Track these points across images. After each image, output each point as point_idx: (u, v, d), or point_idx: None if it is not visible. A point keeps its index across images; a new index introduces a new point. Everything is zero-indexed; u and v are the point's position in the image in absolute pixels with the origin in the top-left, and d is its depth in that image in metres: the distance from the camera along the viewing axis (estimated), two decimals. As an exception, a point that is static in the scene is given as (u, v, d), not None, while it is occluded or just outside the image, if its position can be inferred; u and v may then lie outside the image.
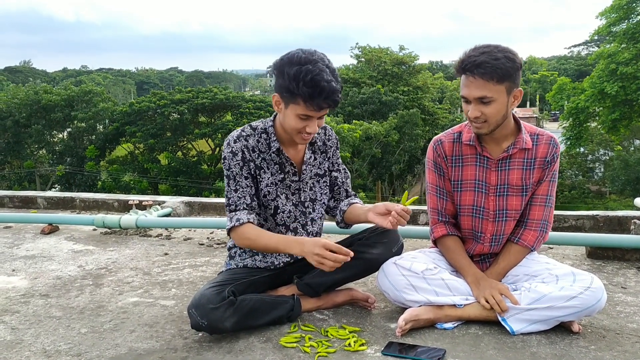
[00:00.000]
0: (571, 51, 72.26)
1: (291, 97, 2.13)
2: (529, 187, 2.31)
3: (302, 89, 2.07)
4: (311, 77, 2.06)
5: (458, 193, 2.38)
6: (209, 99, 29.16)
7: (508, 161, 2.29)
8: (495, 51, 2.11)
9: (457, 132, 2.39)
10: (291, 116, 2.17)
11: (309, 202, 2.44)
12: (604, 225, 3.73)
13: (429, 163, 2.44)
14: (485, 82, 2.09)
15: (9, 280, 3.01)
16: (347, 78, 33.13)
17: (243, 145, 2.28)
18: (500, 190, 2.32)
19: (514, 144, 2.27)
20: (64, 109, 30.61)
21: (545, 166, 2.30)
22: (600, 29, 24.69)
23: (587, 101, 24.11)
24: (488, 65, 2.07)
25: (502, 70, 2.08)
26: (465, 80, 2.14)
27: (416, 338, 2.15)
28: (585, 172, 32.55)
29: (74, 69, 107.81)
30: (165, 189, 27.68)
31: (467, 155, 2.34)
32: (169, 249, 3.59)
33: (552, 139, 2.32)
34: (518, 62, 2.13)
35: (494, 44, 2.15)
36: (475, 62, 2.09)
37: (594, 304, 2.10)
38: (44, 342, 2.21)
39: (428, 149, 2.45)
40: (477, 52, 2.12)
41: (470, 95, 2.14)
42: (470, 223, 2.40)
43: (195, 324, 2.11)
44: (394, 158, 28.34)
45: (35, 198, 5.21)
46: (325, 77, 2.07)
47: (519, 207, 2.33)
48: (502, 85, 2.11)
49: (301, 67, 2.07)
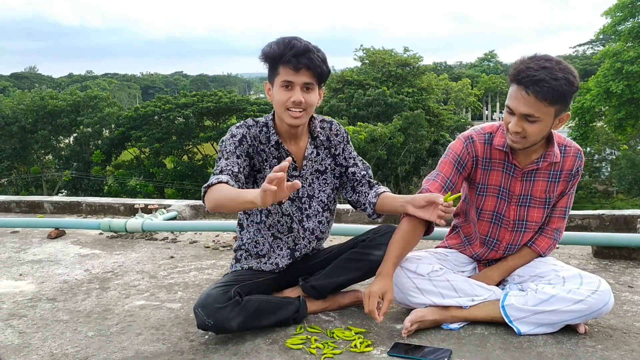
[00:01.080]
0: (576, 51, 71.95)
1: (273, 69, 2.20)
2: (552, 199, 2.27)
3: (273, 48, 2.17)
4: (287, 39, 2.17)
5: (482, 197, 2.31)
6: (214, 103, 29.25)
7: (534, 172, 2.24)
8: (556, 69, 1.96)
9: (487, 132, 2.27)
10: (276, 91, 2.21)
11: (306, 197, 2.39)
12: (610, 225, 3.71)
13: (452, 156, 2.28)
14: (537, 101, 1.96)
15: (17, 284, 3.03)
16: (352, 80, 33.13)
17: (245, 132, 2.28)
18: (523, 200, 2.27)
19: (544, 157, 2.20)
20: (69, 114, 30.76)
21: (570, 179, 2.26)
22: (606, 28, 24.63)
23: (593, 100, 24.04)
24: (546, 85, 1.94)
25: (558, 93, 1.95)
26: (517, 92, 2.00)
27: (422, 339, 2.15)
28: (592, 172, 32.41)
29: (79, 75, 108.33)
30: (172, 193, 27.74)
31: (496, 159, 2.25)
32: (175, 252, 3.60)
33: (579, 152, 2.25)
34: (576, 85, 2.01)
35: (555, 58, 2.00)
36: (533, 79, 1.94)
37: (601, 308, 2.09)
38: (52, 345, 2.22)
39: (455, 143, 2.30)
40: (536, 65, 1.97)
41: (517, 109, 2.02)
42: (487, 229, 2.35)
43: (202, 323, 2.12)
44: (400, 160, 28.30)
45: (42, 203, 5.23)
46: (301, 40, 2.17)
47: (539, 219, 2.30)
48: (553, 108, 1.99)
49: (279, 39, 2.19)
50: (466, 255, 2.48)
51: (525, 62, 2.01)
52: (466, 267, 2.45)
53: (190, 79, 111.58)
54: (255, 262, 2.42)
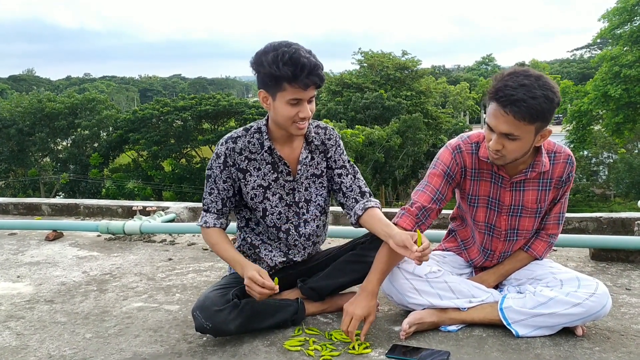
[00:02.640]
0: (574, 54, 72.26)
1: (276, 85, 2.11)
2: (543, 209, 2.27)
3: (283, 70, 2.06)
4: (289, 56, 2.06)
5: (474, 208, 2.30)
6: (212, 106, 29.28)
7: (523, 182, 2.21)
8: (534, 87, 1.92)
9: (474, 142, 2.22)
10: (281, 106, 2.14)
11: (303, 202, 2.38)
12: (608, 227, 3.72)
13: (441, 167, 2.24)
14: (516, 120, 1.93)
15: (14, 286, 3.03)
16: (350, 83, 33.18)
17: (229, 148, 2.27)
18: (513, 210, 2.26)
19: (532, 166, 2.17)
20: (67, 116, 30.78)
21: (561, 185, 2.23)
22: (603, 32, 24.68)
23: (591, 104, 24.06)
24: (524, 105, 1.90)
25: (536, 112, 1.91)
26: (495, 111, 1.97)
27: (420, 341, 2.15)
28: (590, 175, 32.49)
29: (77, 77, 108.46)
30: (169, 196, 27.75)
31: (484, 170, 2.23)
32: (173, 254, 3.60)
33: (569, 158, 2.21)
34: (556, 102, 1.96)
35: (535, 74, 1.96)
36: (511, 98, 1.91)
37: (598, 310, 2.09)
38: (49, 347, 2.22)
39: (443, 153, 2.26)
40: (514, 83, 1.93)
41: (497, 128, 1.98)
42: (482, 239, 2.36)
43: (200, 326, 2.12)
44: (397, 163, 28.33)
45: (40, 205, 5.23)
46: (304, 54, 2.07)
47: (530, 227, 2.29)
48: (532, 126, 1.95)
49: (277, 51, 2.08)
50: (463, 259, 2.48)
51: (504, 79, 1.97)
52: (464, 270, 2.46)
53: (188, 81, 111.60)
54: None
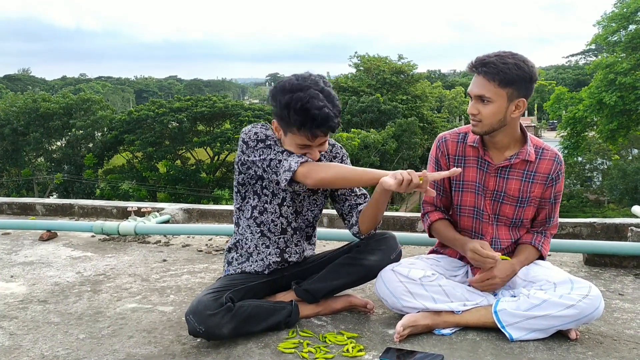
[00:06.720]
0: (569, 60, 72.54)
1: (286, 126, 2.14)
2: (526, 199, 2.33)
3: (293, 117, 2.05)
4: (301, 104, 2.02)
5: (459, 193, 2.40)
6: (208, 108, 29.25)
7: (508, 170, 2.31)
8: (507, 56, 2.15)
9: (463, 132, 2.40)
10: (290, 144, 2.18)
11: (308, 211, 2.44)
12: (601, 233, 3.74)
13: (431, 159, 2.45)
14: (486, 81, 2.14)
15: (8, 286, 3.01)
16: (346, 87, 33.23)
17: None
18: (496, 196, 2.35)
19: (517, 154, 2.29)
20: (62, 117, 30.67)
21: (549, 183, 2.33)
22: (597, 37, 24.75)
23: (586, 111, 24.12)
24: (493, 66, 2.12)
25: (505, 75, 2.11)
26: (473, 78, 2.19)
27: (414, 344, 2.15)
28: (584, 181, 32.62)
29: (72, 77, 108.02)
30: (164, 197, 27.68)
31: (470, 156, 2.36)
32: (168, 256, 3.59)
33: (556, 156, 2.34)
34: (527, 73, 2.14)
35: (516, 53, 2.18)
36: (483, 61, 2.14)
37: (592, 312, 2.11)
38: (42, 347, 2.21)
39: (432, 146, 2.46)
40: (491, 55, 2.17)
41: (471, 91, 2.20)
42: (471, 224, 2.42)
43: (193, 330, 2.11)
44: (393, 166, 28.37)
45: (34, 205, 5.21)
46: (317, 104, 2.02)
47: (511, 215, 2.37)
48: (503, 90, 2.14)
49: (292, 95, 2.05)
50: (457, 259, 2.49)
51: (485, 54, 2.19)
52: (457, 272, 2.47)
53: (184, 83, 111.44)
54: (247, 263, 2.42)
